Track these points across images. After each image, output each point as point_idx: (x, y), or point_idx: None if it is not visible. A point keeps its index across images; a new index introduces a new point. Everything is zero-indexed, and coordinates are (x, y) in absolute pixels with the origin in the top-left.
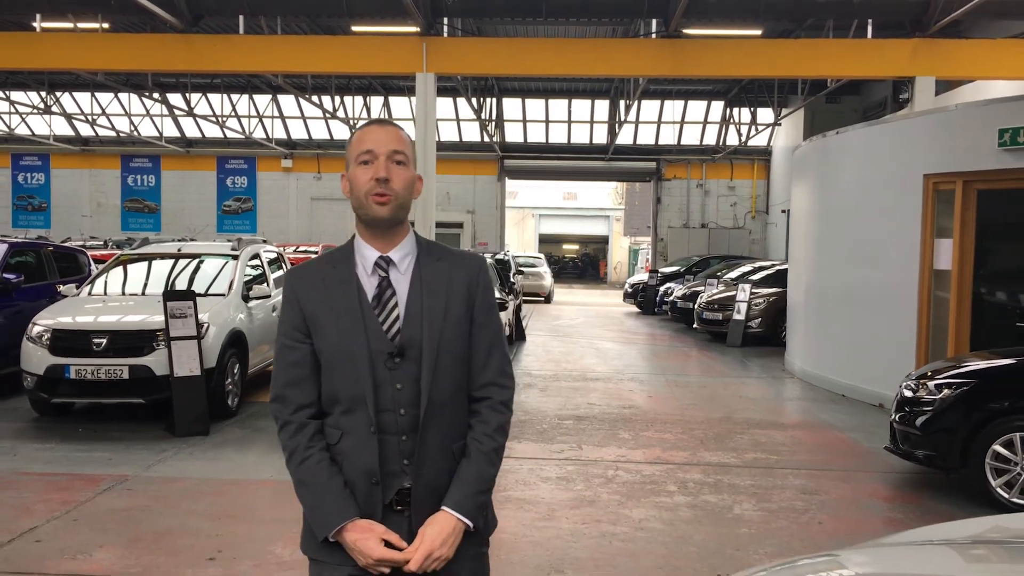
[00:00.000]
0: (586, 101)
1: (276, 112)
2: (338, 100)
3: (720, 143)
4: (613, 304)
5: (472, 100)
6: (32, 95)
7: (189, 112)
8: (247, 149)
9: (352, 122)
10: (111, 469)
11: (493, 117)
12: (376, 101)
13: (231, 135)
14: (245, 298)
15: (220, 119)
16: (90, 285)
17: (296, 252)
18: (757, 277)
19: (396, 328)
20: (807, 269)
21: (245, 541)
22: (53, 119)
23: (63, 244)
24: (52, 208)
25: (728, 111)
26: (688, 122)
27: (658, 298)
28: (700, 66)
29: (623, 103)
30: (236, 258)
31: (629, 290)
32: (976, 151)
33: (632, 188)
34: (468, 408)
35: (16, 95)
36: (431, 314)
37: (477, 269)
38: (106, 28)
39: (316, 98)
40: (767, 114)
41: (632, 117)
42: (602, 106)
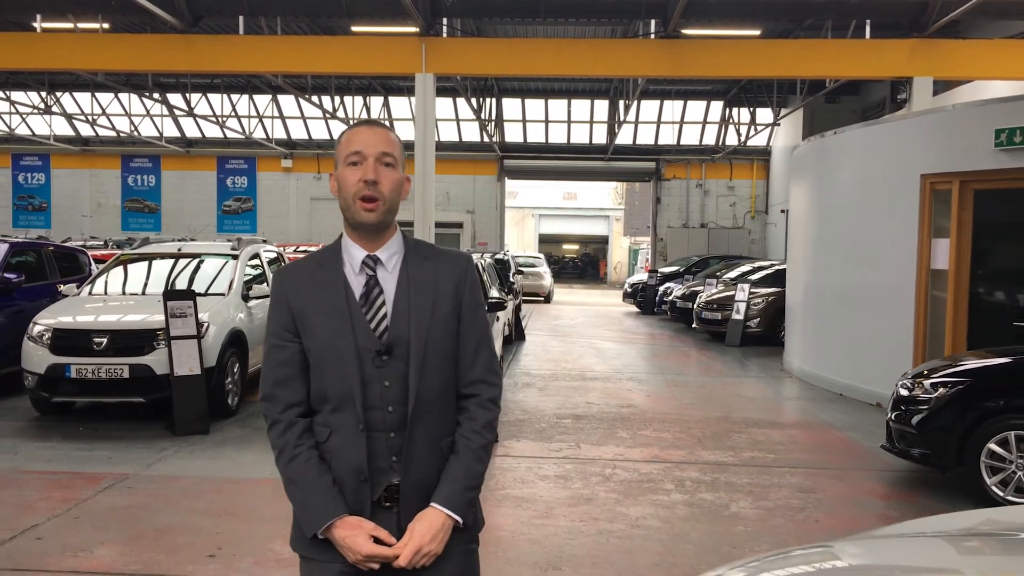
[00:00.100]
0: (585, 101)
1: (276, 112)
2: (338, 100)
3: (719, 143)
4: (613, 304)
5: (472, 100)
6: (32, 95)
7: (189, 112)
8: (247, 149)
9: (352, 122)
10: (112, 467)
11: (493, 117)
12: (376, 101)
13: (231, 135)
14: (245, 298)
15: (220, 119)
16: (90, 285)
17: (296, 252)
18: (756, 277)
19: (383, 326)
20: (805, 269)
21: (245, 538)
22: (53, 119)
23: (63, 244)
24: (52, 208)
25: (727, 111)
26: (687, 122)
27: (657, 298)
28: (699, 66)
29: (622, 103)
30: (236, 258)
31: (628, 290)
32: (973, 151)
33: (632, 188)
34: (456, 405)
35: (16, 95)
36: (418, 312)
37: (464, 267)
38: (106, 28)
39: (316, 98)
40: (766, 114)
41: (631, 117)
42: (601, 106)
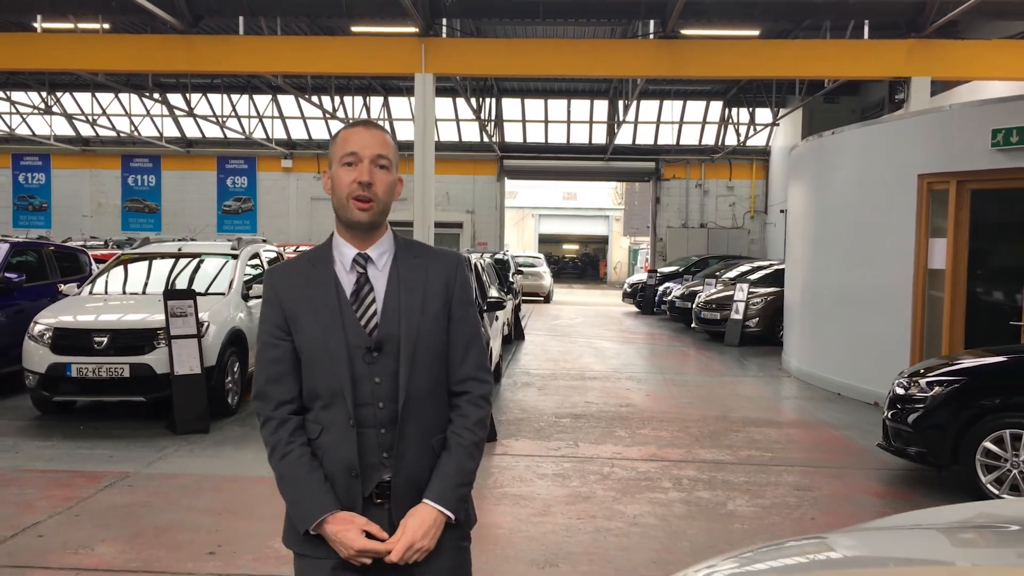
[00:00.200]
0: (585, 101)
1: (276, 112)
2: (338, 100)
3: (719, 143)
4: (612, 304)
5: (471, 100)
6: (33, 95)
7: (189, 112)
8: (247, 149)
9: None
10: (112, 466)
11: (492, 117)
12: (376, 101)
13: (231, 135)
14: (245, 297)
15: (220, 119)
16: (91, 284)
17: (296, 252)
18: (755, 277)
19: (374, 323)
20: (804, 269)
21: (245, 536)
22: (54, 119)
23: (64, 244)
24: (53, 208)
25: (726, 111)
26: (687, 122)
27: (657, 298)
28: (698, 67)
29: (622, 103)
30: (236, 257)
31: (628, 290)
32: (970, 151)
33: (631, 188)
34: (448, 402)
35: (17, 95)
36: (408, 310)
37: (454, 266)
38: (107, 29)
39: (316, 98)
40: (765, 114)
41: (631, 117)
42: (601, 106)
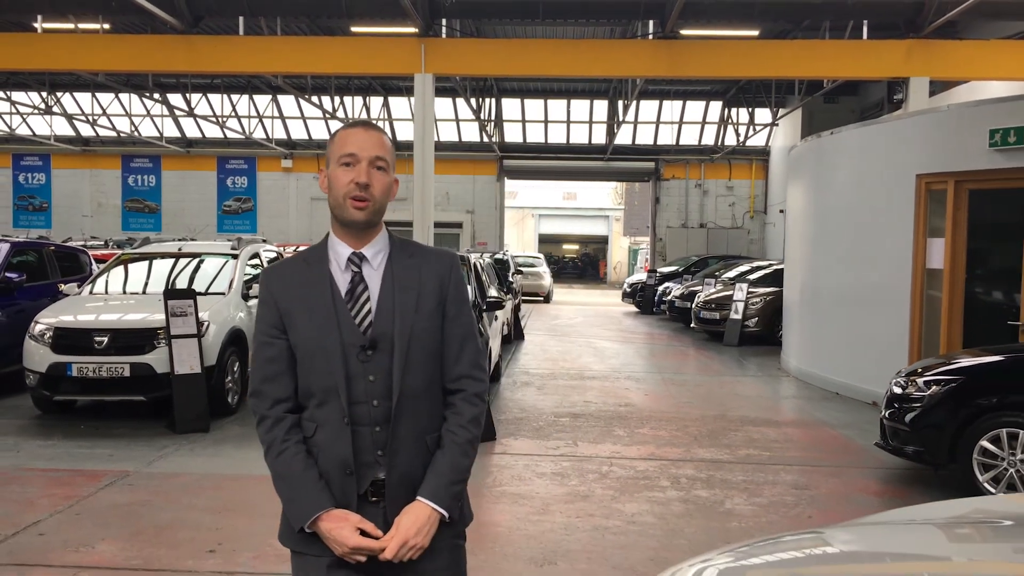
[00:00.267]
0: (585, 101)
1: (276, 112)
2: (338, 100)
3: (718, 143)
4: (612, 304)
5: (471, 100)
6: (33, 95)
7: (189, 112)
8: (247, 149)
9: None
10: (113, 465)
11: (492, 117)
12: (376, 101)
13: (231, 135)
14: (245, 297)
15: (220, 119)
16: (91, 284)
17: (296, 252)
18: (754, 277)
19: (368, 321)
20: (802, 269)
21: (245, 535)
22: (54, 119)
23: (64, 244)
24: (53, 208)
25: (726, 111)
26: (686, 122)
27: (656, 298)
28: (697, 67)
29: (621, 103)
30: (236, 257)
31: (628, 290)
32: (968, 151)
33: (631, 188)
34: (443, 401)
35: (17, 95)
36: (402, 308)
37: (449, 265)
38: (107, 29)
39: (316, 98)
40: (765, 114)
41: (630, 117)
42: (601, 106)
